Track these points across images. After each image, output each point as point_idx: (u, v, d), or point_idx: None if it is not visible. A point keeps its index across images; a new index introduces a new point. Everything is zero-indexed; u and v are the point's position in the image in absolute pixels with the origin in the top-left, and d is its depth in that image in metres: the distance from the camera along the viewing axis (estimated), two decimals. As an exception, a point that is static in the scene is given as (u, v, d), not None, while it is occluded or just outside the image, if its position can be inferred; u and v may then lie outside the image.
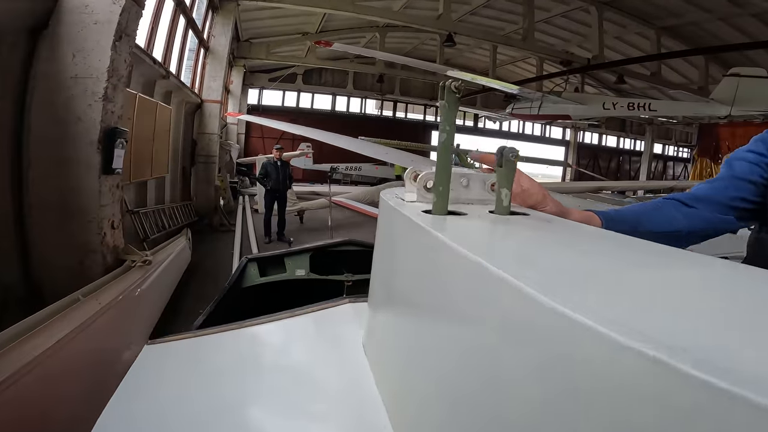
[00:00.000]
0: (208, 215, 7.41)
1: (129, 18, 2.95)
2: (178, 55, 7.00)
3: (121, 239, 3.19)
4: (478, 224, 0.46)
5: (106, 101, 2.70)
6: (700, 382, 0.16)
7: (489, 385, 0.32)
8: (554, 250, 0.39)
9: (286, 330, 0.95)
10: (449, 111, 0.47)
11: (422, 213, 0.49)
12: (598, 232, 0.46)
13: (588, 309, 0.23)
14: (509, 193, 0.51)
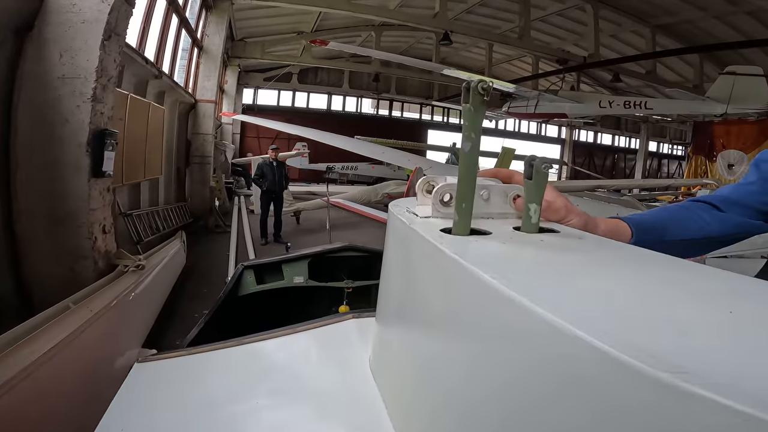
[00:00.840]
0: (203, 216, 7.32)
1: (118, 17, 2.87)
2: (171, 54, 6.90)
3: (113, 244, 3.12)
4: (508, 248, 0.41)
5: (95, 102, 2.62)
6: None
7: (515, 422, 0.29)
8: (592, 277, 0.34)
9: (285, 348, 0.89)
10: (475, 116, 0.40)
11: (441, 233, 0.44)
12: (636, 253, 0.41)
13: (631, 346, 0.21)
14: (539, 209, 0.45)
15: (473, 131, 0.41)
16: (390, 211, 0.62)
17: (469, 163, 0.42)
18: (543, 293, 0.28)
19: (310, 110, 16.60)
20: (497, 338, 0.31)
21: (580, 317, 0.24)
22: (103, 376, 2.10)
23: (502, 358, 0.31)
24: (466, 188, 0.43)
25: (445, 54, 12.94)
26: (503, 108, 13.07)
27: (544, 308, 0.26)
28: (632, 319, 0.25)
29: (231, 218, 7.99)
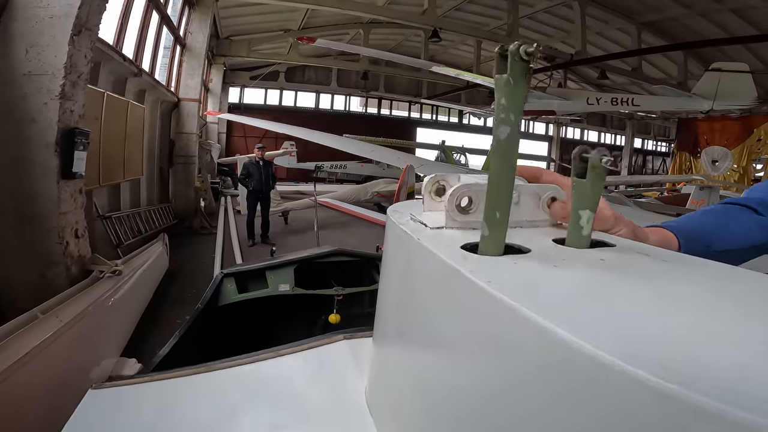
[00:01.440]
0: (188, 218, 7.13)
1: (90, 11, 2.73)
2: (151, 52, 6.70)
3: (87, 248, 2.96)
4: (564, 274, 0.29)
5: (63, 99, 2.47)
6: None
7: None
8: (683, 312, 0.24)
9: (264, 375, 0.77)
10: (514, 91, 0.29)
11: (463, 252, 0.33)
12: (732, 275, 0.31)
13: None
14: (592, 217, 0.34)
15: (512, 111, 0.30)
16: (389, 218, 0.49)
17: (505, 156, 0.31)
18: (652, 355, 0.19)
19: (297, 109, 16.40)
20: (546, 398, 0.22)
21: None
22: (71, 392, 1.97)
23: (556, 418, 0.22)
24: (500, 190, 0.32)
25: (433, 52, 12.88)
26: (492, 105, 13.03)
27: (642, 370, 0.17)
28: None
29: (217, 219, 7.82)
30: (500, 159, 0.32)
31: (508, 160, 0.32)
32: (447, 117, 18.68)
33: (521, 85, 0.29)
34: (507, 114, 0.30)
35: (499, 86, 0.30)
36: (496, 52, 0.29)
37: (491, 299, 0.25)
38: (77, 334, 2.22)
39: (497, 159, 0.32)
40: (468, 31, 10.52)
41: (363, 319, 2.29)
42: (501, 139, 0.31)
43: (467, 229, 0.39)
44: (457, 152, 14.90)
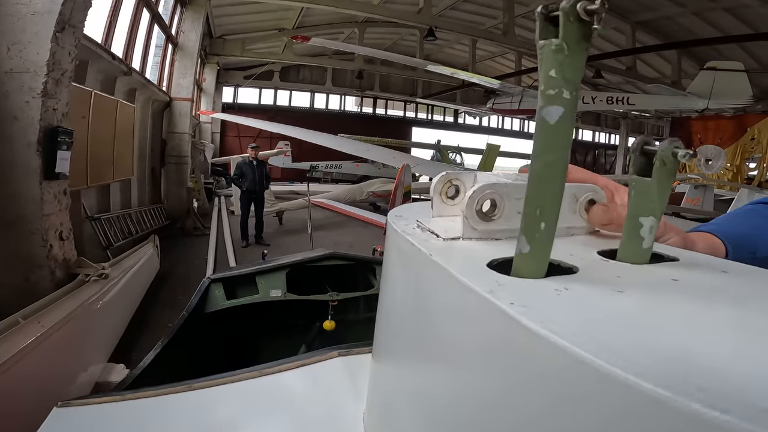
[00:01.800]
0: (180, 219, 7.01)
1: (74, 8, 2.65)
2: (142, 51, 6.58)
3: (72, 251, 2.87)
4: (631, 303, 0.22)
5: (46, 98, 2.38)
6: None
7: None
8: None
9: (252, 395, 0.69)
10: (570, 60, 0.22)
11: (492, 272, 0.26)
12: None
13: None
14: (657, 226, 0.26)
15: (567, 86, 0.22)
16: (390, 225, 0.40)
17: (554, 146, 0.23)
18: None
19: (292, 108, 16.29)
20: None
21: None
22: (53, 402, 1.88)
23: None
24: (547, 192, 0.24)
25: (428, 51, 12.82)
26: (488, 105, 13.04)
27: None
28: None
29: (210, 220, 7.71)
30: (548, 149, 0.23)
31: (558, 151, 0.23)
32: (442, 116, 18.63)
33: (581, 51, 0.22)
34: (559, 89, 0.22)
35: (546, 55, 0.22)
36: (539, 13, 0.22)
37: (550, 347, 0.18)
38: (60, 340, 2.13)
39: (543, 150, 0.23)
40: (463, 30, 10.47)
41: (359, 325, 2.21)
42: (550, 122, 0.23)
43: (488, 240, 0.31)
44: (452, 152, 14.85)
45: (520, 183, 0.32)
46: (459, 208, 0.35)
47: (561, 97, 0.22)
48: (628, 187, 0.27)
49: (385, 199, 7.88)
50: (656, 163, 0.25)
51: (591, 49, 0.23)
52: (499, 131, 19.22)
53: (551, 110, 0.22)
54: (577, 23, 0.21)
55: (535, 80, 12.63)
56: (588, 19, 0.20)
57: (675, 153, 0.24)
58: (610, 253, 0.29)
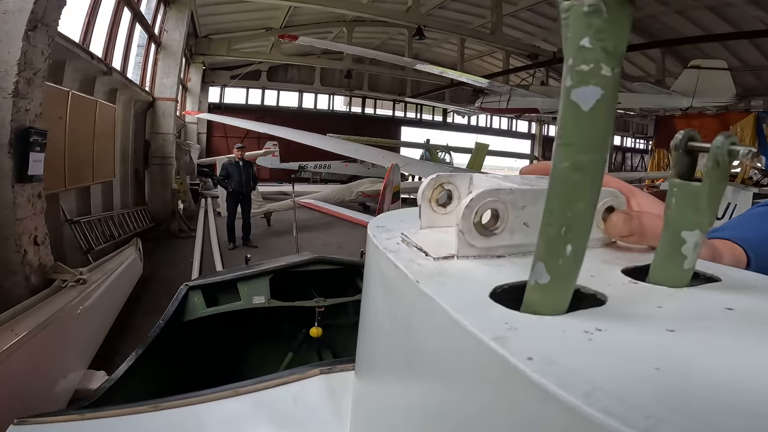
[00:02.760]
0: (165, 221, 6.85)
1: (47, 6, 2.55)
2: (123, 50, 6.41)
3: (48, 256, 2.75)
4: (683, 347, 0.16)
5: (17, 98, 2.28)
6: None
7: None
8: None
9: (227, 417, 0.62)
10: (611, 25, 0.15)
11: (497, 306, 0.19)
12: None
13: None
14: (702, 242, 0.21)
15: (606, 60, 0.16)
16: (370, 239, 0.33)
17: (588, 139, 0.17)
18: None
19: (280, 108, 16.11)
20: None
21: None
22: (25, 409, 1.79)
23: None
24: (579, 204, 0.18)
25: (417, 50, 12.80)
26: (476, 104, 13.08)
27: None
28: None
29: (196, 222, 7.55)
30: (580, 144, 0.17)
31: (594, 147, 0.17)
32: (431, 116, 18.63)
33: (624, 13, 0.16)
34: (596, 65, 0.16)
35: (575, 19, 0.16)
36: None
37: (592, 426, 0.12)
38: (35, 348, 2.04)
39: (573, 146, 0.17)
40: (452, 29, 10.47)
41: (347, 331, 2.13)
42: (584, 109, 0.16)
43: (488, 258, 0.26)
44: (441, 151, 14.85)
45: (525, 188, 0.26)
46: (452, 218, 0.29)
47: (599, 74, 0.16)
48: (668, 193, 0.22)
49: (374, 198, 7.82)
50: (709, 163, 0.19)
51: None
52: (488, 130, 19.31)
53: (585, 92, 0.16)
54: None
55: (523, 79, 12.73)
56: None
57: (733, 151, 0.18)
58: (639, 271, 0.24)
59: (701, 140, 0.20)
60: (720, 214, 5.10)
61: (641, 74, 12.16)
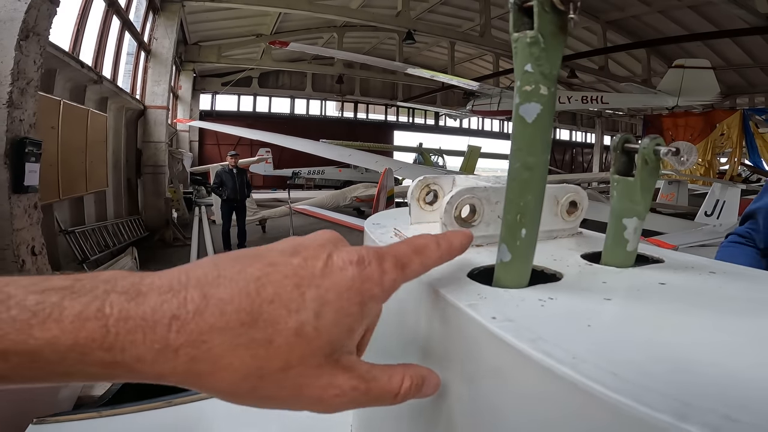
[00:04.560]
0: (159, 230, 6.83)
1: (38, 16, 2.57)
2: (113, 58, 6.41)
3: (45, 266, 2.76)
4: (619, 312, 0.21)
5: (11, 108, 2.30)
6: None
7: None
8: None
9: (236, 410, 0.66)
10: (548, 52, 0.20)
11: (474, 283, 0.24)
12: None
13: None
14: (641, 227, 0.26)
15: (544, 81, 0.21)
16: (368, 234, 0.38)
17: (533, 146, 0.22)
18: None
19: (272, 115, 16.13)
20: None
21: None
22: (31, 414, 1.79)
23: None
24: (528, 196, 0.22)
25: (408, 54, 12.91)
26: (467, 106, 13.20)
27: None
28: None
29: (191, 230, 7.54)
30: (526, 150, 0.22)
31: (538, 151, 0.22)
32: (423, 119, 18.76)
33: (558, 43, 0.20)
34: (536, 85, 0.20)
35: (521, 48, 0.20)
36: (513, 3, 0.20)
37: (538, 368, 0.16)
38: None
39: (522, 150, 0.22)
40: (442, 32, 10.59)
41: None
42: (528, 121, 0.21)
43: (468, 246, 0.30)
44: (434, 154, 14.95)
45: (499, 186, 0.31)
46: (438, 214, 0.34)
47: (538, 94, 0.21)
48: (610, 187, 0.26)
49: (368, 203, 7.87)
50: (638, 161, 0.24)
51: (564, 48, 0.22)
52: (480, 132, 19.48)
53: (529, 107, 0.21)
54: (553, 13, 0.19)
55: (511, 81, 12.84)
56: (563, 9, 0.19)
57: (657, 151, 0.23)
58: (595, 256, 0.29)
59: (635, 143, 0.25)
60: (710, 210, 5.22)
61: (627, 74, 12.38)
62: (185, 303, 0.17)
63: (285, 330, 0.18)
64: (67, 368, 0.17)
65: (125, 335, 0.17)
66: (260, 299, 0.18)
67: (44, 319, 0.16)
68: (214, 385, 0.18)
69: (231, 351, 0.18)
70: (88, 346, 0.17)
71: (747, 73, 11.61)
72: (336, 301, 0.19)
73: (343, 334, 0.19)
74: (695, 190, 8.04)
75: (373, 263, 0.20)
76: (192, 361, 0.17)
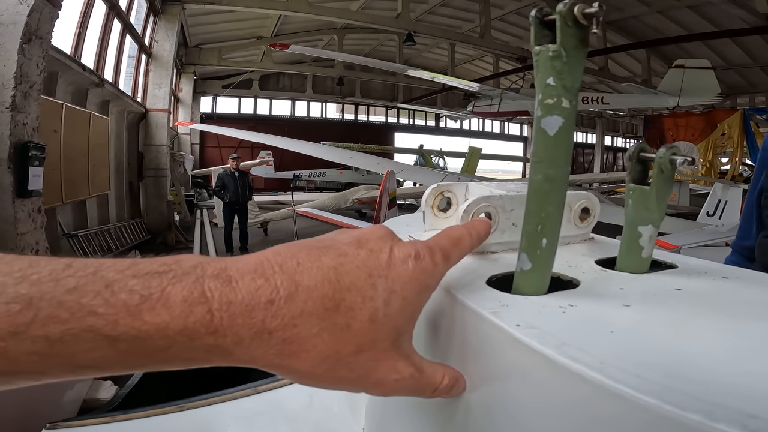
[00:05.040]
0: (161, 233, 6.85)
1: (41, 19, 2.58)
2: (114, 61, 6.43)
3: (49, 271, 2.76)
4: (640, 318, 0.21)
5: (14, 111, 2.30)
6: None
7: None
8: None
9: (249, 414, 0.67)
10: (570, 66, 0.21)
11: (491, 290, 0.25)
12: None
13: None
14: (656, 234, 0.26)
15: (566, 95, 0.21)
16: None
17: (555, 158, 0.22)
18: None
19: (273, 117, 16.16)
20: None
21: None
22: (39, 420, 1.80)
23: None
24: (549, 206, 0.23)
25: (408, 56, 12.94)
26: (468, 108, 13.22)
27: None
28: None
29: (193, 233, 7.55)
30: (548, 162, 0.22)
31: (559, 163, 0.22)
32: (424, 121, 18.77)
33: (579, 57, 0.20)
34: (558, 98, 0.21)
35: (543, 62, 0.21)
36: (534, 17, 0.21)
37: (565, 373, 0.17)
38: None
39: (543, 163, 0.22)
40: (441, 34, 10.61)
41: None
42: (550, 134, 0.22)
43: (484, 254, 0.31)
44: (435, 155, 14.96)
45: (513, 194, 0.31)
46: (452, 221, 0.34)
47: (560, 107, 0.21)
48: (625, 195, 0.27)
49: (370, 205, 7.87)
50: (654, 170, 0.24)
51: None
52: (481, 134, 19.49)
53: (550, 121, 0.22)
54: (575, 27, 0.20)
55: (513, 82, 12.90)
56: (586, 23, 0.20)
57: (673, 160, 0.24)
58: (609, 262, 0.29)
59: (650, 151, 0.25)
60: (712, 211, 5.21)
61: (628, 75, 12.38)
62: (278, 289, 0.18)
63: (361, 316, 0.20)
64: (173, 354, 0.17)
65: (228, 319, 0.18)
66: (340, 287, 0.20)
67: (153, 304, 0.17)
68: (297, 367, 0.19)
69: (316, 334, 0.19)
70: (197, 331, 0.17)
71: (747, 72, 11.61)
72: (401, 291, 0.21)
73: (406, 321, 0.21)
74: (697, 191, 8.03)
75: (427, 257, 0.22)
76: (283, 343, 0.18)
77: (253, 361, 0.19)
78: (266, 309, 0.18)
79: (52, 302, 0.16)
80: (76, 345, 0.16)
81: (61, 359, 0.16)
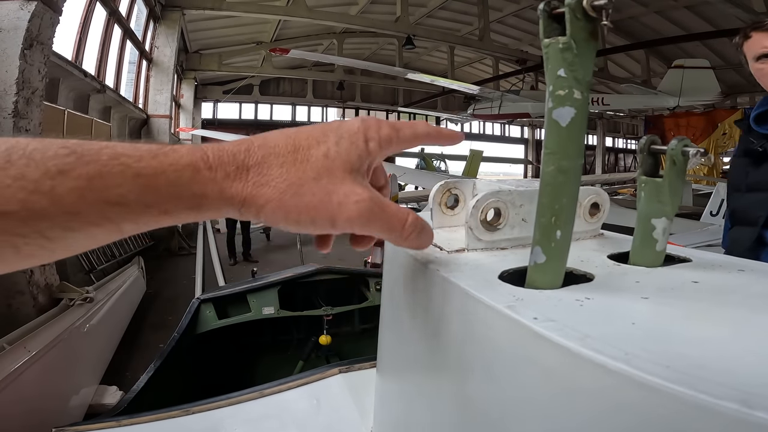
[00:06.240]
0: (165, 239, 6.85)
1: (42, 24, 2.59)
2: (115, 67, 6.46)
3: (54, 276, 2.78)
4: (663, 311, 0.21)
5: (17, 118, 2.31)
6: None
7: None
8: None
9: (254, 418, 0.67)
10: (581, 57, 0.21)
11: (505, 285, 0.25)
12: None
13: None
14: (669, 227, 0.26)
15: (577, 86, 0.21)
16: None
17: (567, 150, 0.22)
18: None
19: (274, 122, 16.18)
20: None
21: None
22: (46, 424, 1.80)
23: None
24: (562, 198, 0.23)
25: (407, 59, 12.98)
26: (468, 111, 13.22)
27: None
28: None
29: (196, 239, 7.56)
30: (561, 153, 0.22)
31: (571, 154, 0.22)
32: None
33: (590, 49, 0.21)
34: (570, 89, 0.21)
35: (553, 54, 0.21)
36: (542, 10, 0.21)
37: (588, 364, 0.17)
38: (49, 365, 2.08)
39: (556, 154, 0.22)
40: (441, 37, 10.64)
41: (355, 338, 2.19)
42: (562, 125, 0.22)
43: (494, 250, 0.31)
44: (436, 159, 14.95)
45: (523, 190, 0.32)
46: (460, 218, 0.34)
47: (572, 98, 0.22)
48: (637, 188, 0.27)
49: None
50: (666, 162, 0.25)
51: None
52: (481, 136, 19.47)
53: (562, 112, 0.22)
54: (584, 20, 0.20)
55: (513, 84, 12.90)
56: (595, 15, 0.20)
57: (685, 152, 0.24)
58: (621, 256, 0.29)
59: (660, 144, 0.26)
60: (715, 210, 5.19)
61: (627, 75, 12.39)
62: (252, 142, 0.25)
63: (316, 153, 0.25)
64: (180, 190, 0.23)
65: (219, 159, 0.24)
66: (299, 138, 0.26)
67: (167, 151, 0.23)
68: (269, 195, 0.24)
69: (281, 165, 0.25)
70: (198, 166, 0.23)
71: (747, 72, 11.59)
72: (348, 137, 0.26)
73: (355, 159, 0.26)
74: (699, 190, 8.00)
75: (373, 120, 0.28)
76: (258, 175, 0.24)
77: (239, 194, 0.24)
78: (245, 153, 0.25)
79: (91, 150, 0.22)
80: (110, 179, 0.21)
81: (95, 195, 0.21)
